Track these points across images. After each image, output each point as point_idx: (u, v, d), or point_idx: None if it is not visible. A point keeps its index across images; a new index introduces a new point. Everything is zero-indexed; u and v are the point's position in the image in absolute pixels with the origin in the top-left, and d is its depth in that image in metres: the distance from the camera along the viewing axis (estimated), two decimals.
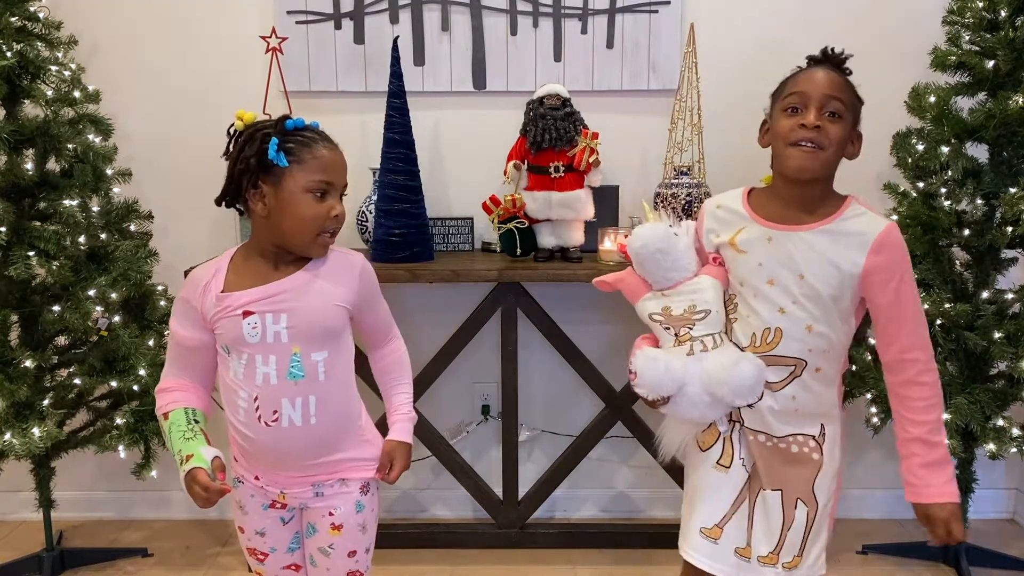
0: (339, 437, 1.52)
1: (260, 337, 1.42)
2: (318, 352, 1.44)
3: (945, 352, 2.26)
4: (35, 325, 2.23)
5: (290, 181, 1.40)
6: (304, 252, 1.45)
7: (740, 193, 1.58)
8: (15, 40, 2.13)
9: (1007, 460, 2.55)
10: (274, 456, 1.49)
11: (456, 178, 2.63)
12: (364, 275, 1.53)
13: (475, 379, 2.72)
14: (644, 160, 2.58)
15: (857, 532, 2.67)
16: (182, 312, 1.48)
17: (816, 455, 1.53)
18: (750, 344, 1.51)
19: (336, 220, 1.43)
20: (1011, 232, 2.15)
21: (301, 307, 1.43)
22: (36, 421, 2.14)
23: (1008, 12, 2.16)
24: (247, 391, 1.44)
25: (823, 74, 1.47)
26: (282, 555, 1.60)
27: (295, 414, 1.44)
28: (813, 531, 1.54)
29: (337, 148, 1.45)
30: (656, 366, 1.50)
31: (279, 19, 2.50)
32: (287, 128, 1.42)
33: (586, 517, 2.80)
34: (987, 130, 2.17)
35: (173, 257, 2.55)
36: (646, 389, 1.52)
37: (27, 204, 2.21)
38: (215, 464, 1.40)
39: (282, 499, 1.54)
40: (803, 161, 1.45)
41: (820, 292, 1.46)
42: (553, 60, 2.55)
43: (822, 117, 1.44)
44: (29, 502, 2.44)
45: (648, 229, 1.56)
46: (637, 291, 1.60)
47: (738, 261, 1.53)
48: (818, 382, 1.50)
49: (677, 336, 1.53)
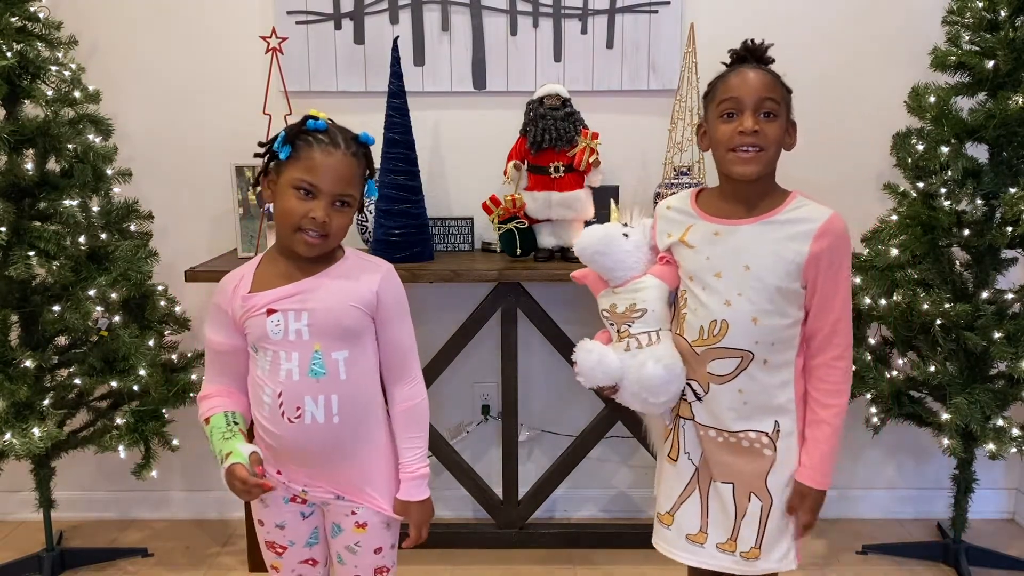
0: (362, 440, 1.53)
1: (283, 334, 1.45)
2: (339, 351, 1.47)
3: (945, 352, 2.26)
4: (35, 325, 2.23)
5: (284, 174, 1.45)
6: (288, 244, 1.47)
7: (689, 194, 1.63)
8: (15, 40, 2.13)
9: (1007, 460, 2.55)
10: (298, 453, 1.51)
11: (456, 178, 2.63)
12: (385, 282, 1.54)
13: (475, 379, 2.72)
14: (644, 160, 2.59)
15: (857, 532, 2.67)
16: (214, 318, 1.53)
17: (768, 451, 1.55)
18: (698, 337, 1.54)
19: (312, 222, 1.42)
20: (1011, 232, 2.15)
21: (321, 306, 1.46)
22: (36, 421, 2.14)
23: (1008, 12, 2.16)
24: (271, 387, 1.47)
25: (753, 75, 1.49)
26: (300, 549, 1.61)
27: (318, 411, 1.47)
28: (773, 526, 1.56)
29: (339, 154, 1.44)
30: (589, 357, 1.60)
31: (279, 19, 2.50)
32: (308, 127, 1.45)
33: (586, 517, 2.80)
34: (987, 130, 2.17)
35: (173, 257, 2.55)
36: (583, 378, 1.61)
37: (27, 204, 2.21)
38: (252, 459, 1.43)
39: (303, 495, 1.56)
40: (746, 165, 1.49)
41: (766, 282, 1.49)
42: (553, 60, 2.55)
43: (758, 119, 1.47)
44: (29, 502, 2.44)
45: (589, 231, 1.64)
46: (596, 287, 1.69)
47: (688, 256, 1.57)
48: (766, 374, 1.52)
49: (619, 332, 1.62)
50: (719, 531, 1.58)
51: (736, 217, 1.54)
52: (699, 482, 1.60)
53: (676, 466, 1.63)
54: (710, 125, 1.54)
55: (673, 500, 1.63)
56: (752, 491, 1.56)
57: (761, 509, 1.55)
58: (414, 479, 1.58)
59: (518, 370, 2.46)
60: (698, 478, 1.60)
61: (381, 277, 1.53)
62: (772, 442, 1.55)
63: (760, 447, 1.55)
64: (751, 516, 1.56)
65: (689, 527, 1.61)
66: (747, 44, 1.55)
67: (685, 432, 1.61)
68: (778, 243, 1.49)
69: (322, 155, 1.43)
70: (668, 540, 1.65)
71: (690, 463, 1.61)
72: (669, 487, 1.65)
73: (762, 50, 1.54)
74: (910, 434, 2.62)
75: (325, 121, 1.47)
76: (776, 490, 1.55)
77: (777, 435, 1.55)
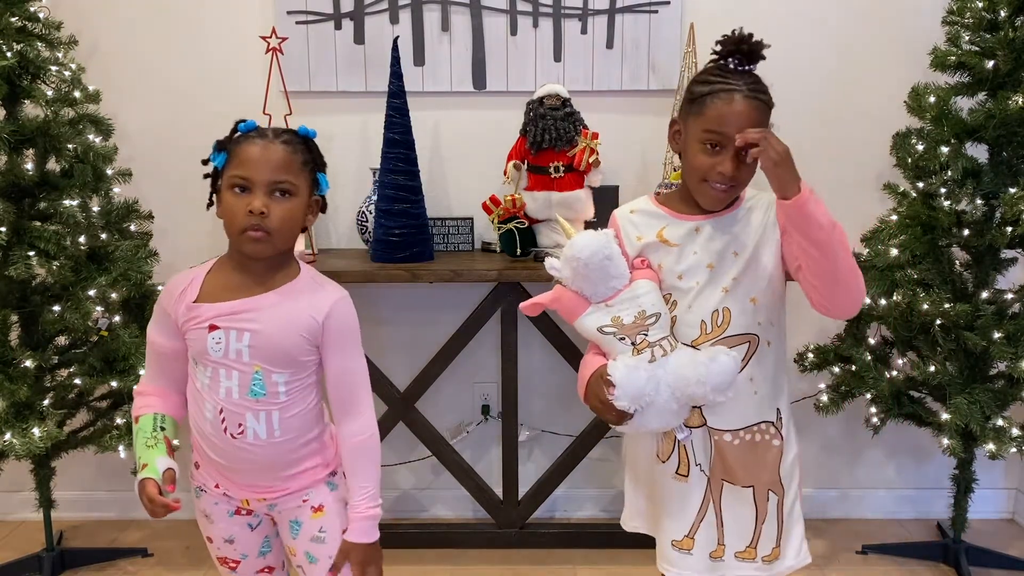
0: (302, 454, 1.50)
1: (223, 352, 1.42)
2: (279, 373, 1.44)
3: (945, 352, 2.26)
4: (35, 325, 2.23)
5: (222, 179, 1.43)
6: (238, 249, 1.44)
7: (648, 198, 1.60)
8: (15, 40, 2.13)
9: (1007, 460, 2.55)
10: (239, 468, 1.48)
11: (456, 178, 2.63)
12: (336, 310, 1.46)
13: (475, 379, 2.72)
14: (644, 160, 2.59)
15: (857, 532, 2.67)
16: (158, 318, 1.50)
17: (776, 441, 1.54)
18: (701, 333, 1.49)
19: (252, 216, 1.37)
20: (1011, 232, 2.15)
21: (264, 329, 1.42)
22: (36, 421, 2.14)
23: (1008, 12, 2.15)
24: (212, 403, 1.45)
25: (743, 111, 1.41)
26: (254, 560, 1.59)
27: (260, 428, 1.44)
28: (788, 520, 1.54)
29: (267, 143, 1.41)
30: (638, 375, 1.41)
31: (279, 19, 2.50)
32: (240, 131, 1.44)
33: (586, 517, 2.80)
34: (987, 130, 2.17)
35: (173, 257, 2.55)
36: (628, 400, 1.41)
37: (27, 204, 2.21)
38: (166, 476, 1.41)
39: (247, 505, 1.54)
40: (716, 201, 1.49)
41: (758, 260, 1.49)
42: (553, 60, 2.55)
43: (740, 161, 1.43)
44: (29, 502, 2.44)
45: (590, 237, 1.48)
46: (576, 308, 1.51)
47: (671, 255, 1.52)
48: (771, 356, 1.52)
49: (635, 345, 1.47)
50: (736, 539, 1.54)
51: (709, 212, 1.52)
52: (711, 492, 1.54)
53: (687, 483, 1.53)
54: (688, 140, 1.48)
55: (691, 522, 1.54)
56: (769, 488, 1.53)
57: (778, 504, 1.54)
58: (364, 519, 1.50)
59: (518, 370, 2.46)
60: (710, 488, 1.54)
61: (332, 304, 1.46)
62: (778, 431, 1.54)
63: (769, 438, 1.53)
64: (771, 516, 1.54)
65: (709, 545, 1.54)
66: (738, 38, 1.46)
67: (693, 442, 1.53)
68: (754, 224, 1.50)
69: (250, 146, 1.40)
70: (689, 566, 1.54)
71: (702, 474, 1.53)
72: (682, 508, 1.54)
73: (756, 49, 1.46)
74: (910, 434, 2.62)
75: (254, 121, 1.46)
76: (788, 480, 1.54)
77: (780, 423, 1.54)
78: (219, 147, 1.44)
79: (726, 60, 1.47)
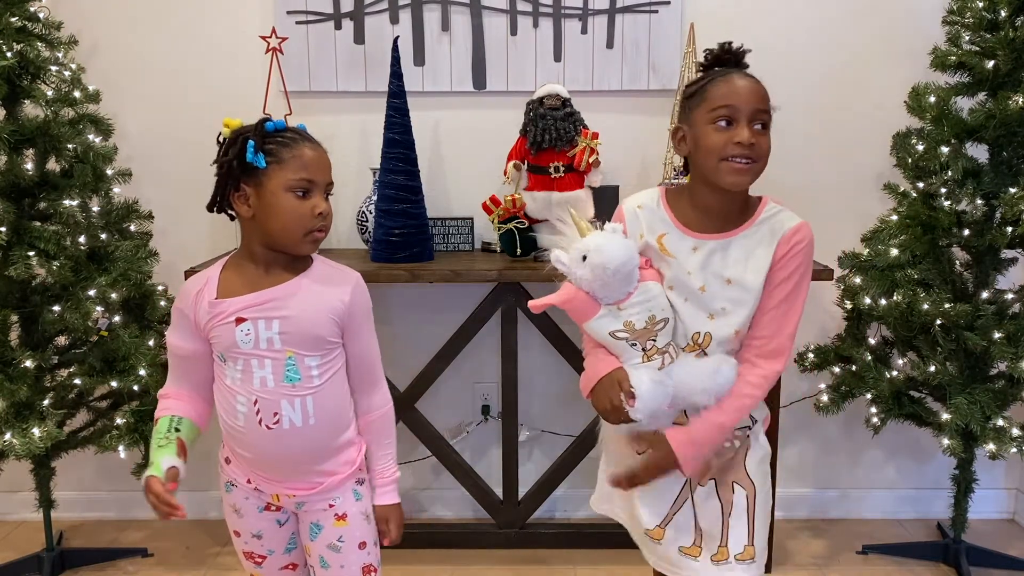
0: (335, 439, 1.52)
1: (253, 343, 1.44)
2: (312, 357, 1.47)
3: (945, 352, 2.26)
4: (35, 325, 2.23)
5: (271, 181, 1.41)
6: (294, 251, 1.46)
7: (657, 194, 1.55)
8: (15, 40, 2.13)
9: (1007, 460, 2.55)
10: (274, 459, 1.50)
11: (456, 178, 2.63)
12: (357, 292, 1.52)
13: (475, 379, 2.72)
14: (644, 160, 2.59)
15: (857, 532, 2.67)
16: (176, 322, 1.51)
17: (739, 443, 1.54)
18: (686, 346, 1.49)
19: (321, 218, 1.43)
20: (1011, 232, 2.15)
21: (293, 314, 1.44)
22: (36, 421, 2.14)
23: (1008, 12, 2.15)
24: (246, 395, 1.46)
25: (747, 85, 1.43)
26: (280, 556, 1.60)
27: (295, 415, 1.46)
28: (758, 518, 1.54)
29: (319, 147, 1.46)
30: (662, 391, 1.43)
31: (279, 19, 2.50)
32: (267, 130, 1.43)
33: (586, 517, 2.79)
34: (987, 130, 2.17)
35: (173, 257, 2.55)
36: (646, 415, 1.42)
37: (27, 204, 2.21)
38: (169, 474, 1.41)
39: (276, 501, 1.55)
40: (739, 176, 1.43)
41: (749, 289, 1.45)
42: (553, 60, 2.55)
43: (754, 131, 1.42)
44: (29, 502, 2.44)
45: (621, 245, 1.45)
46: (588, 309, 1.47)
47: (666, 264, 1.50)
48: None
49: (645, 351, 1.46)
50: (710, 540, 1.55)
51: (712, 231, 1.48)
52: (691, 489, 1.55)
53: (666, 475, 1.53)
54: (697, 130, 1.45)
55: (663, 514, 1.57)
56: (734, 480, 1.54)
57: (747, 499, 1.54)
58: (392, 482, 1.62)
59: (518, 370, 2.46)
60: (690, 485, 1.55)
61: (352, 288, 1.51)
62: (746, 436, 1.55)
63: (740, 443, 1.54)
64: (738, 509, 1.53)
65: (683, 540, 1.56)
66: (721, 50, 1.49)
67: None
68: (754, 251, 1.46)
69: (308, 150, 1.43)
70: (661, 555, 1.58)
71: None
72: (658, 498, 1.56)
73: (740, 54, 1.50)
74: (910, 434, 2.62)
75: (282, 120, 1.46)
76: (755, 476, 1.54)
77: (751, 428, 1.55)
78: (257, 147, 1.41)
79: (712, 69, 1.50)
